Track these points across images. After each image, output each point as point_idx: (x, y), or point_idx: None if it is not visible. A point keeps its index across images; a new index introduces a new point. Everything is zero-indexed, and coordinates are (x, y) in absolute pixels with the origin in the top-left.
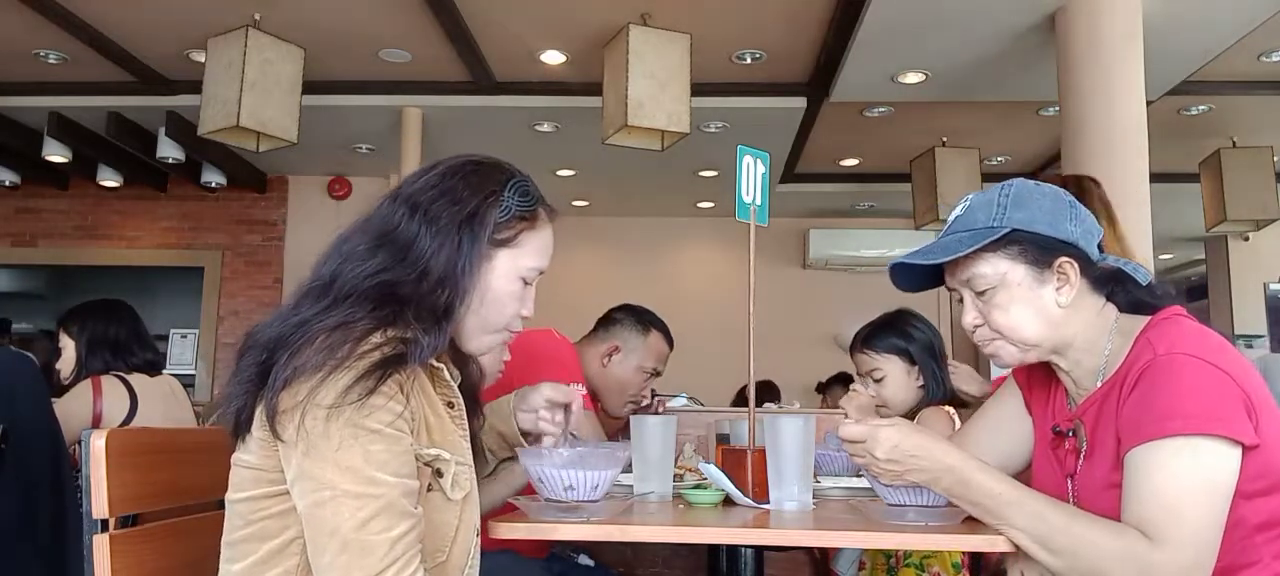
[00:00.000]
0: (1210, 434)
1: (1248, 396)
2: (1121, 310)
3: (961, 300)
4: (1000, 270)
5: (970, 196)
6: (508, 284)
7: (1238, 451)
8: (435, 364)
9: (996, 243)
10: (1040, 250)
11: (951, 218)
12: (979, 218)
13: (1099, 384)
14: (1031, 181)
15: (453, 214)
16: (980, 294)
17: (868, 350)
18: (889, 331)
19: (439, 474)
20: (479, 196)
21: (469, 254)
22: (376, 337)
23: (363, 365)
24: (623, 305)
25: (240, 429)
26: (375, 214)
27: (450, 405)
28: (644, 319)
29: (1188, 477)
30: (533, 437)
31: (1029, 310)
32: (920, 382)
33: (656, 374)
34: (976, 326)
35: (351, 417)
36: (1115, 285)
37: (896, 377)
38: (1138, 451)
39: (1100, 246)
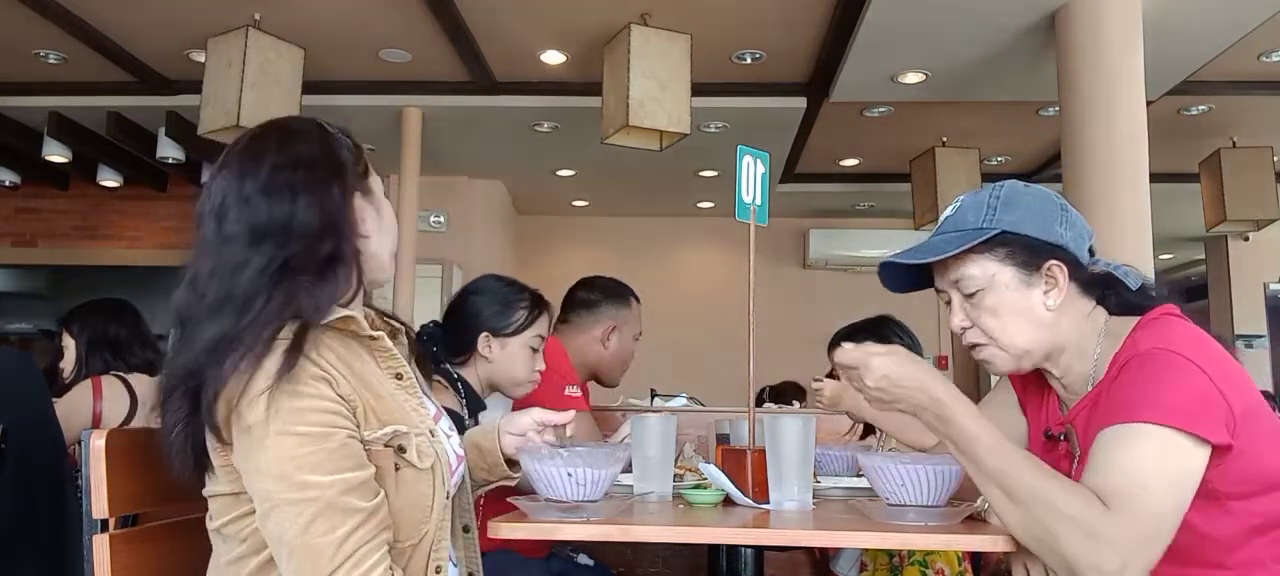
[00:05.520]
0: (1180, 428)
1: (1227, 401)
2: (1113, 314)
3: (949, 303)
4: (989, 271)
5: (962, 197)
6: (387, 205)
7: (1206, 451)
8: (373, 333)
9: (985, 243)
10: (1029, 253)
11: (943, 218)
12: (969, 219)
13: (1089, 388)
14: (1022, 183)
15: (313, 175)
16: (969, 297)
17: None
18: (868, 335)
19: (402, 449)
20: (319, 146)
21: (340, 198)
22: (285, 328)
23: (282, 347)
24: (586, 282)
25: (202, 464)
26: (229, 228)
27: (399, 376)
28: (620, 290)
29: (1153, 461)
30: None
31: (1017, 314)
32: None
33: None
34: (965, 328)
35: (281, 426)
36: (1106, 289)
37: None
38: (1107, 431)
39: (1092, 249)
